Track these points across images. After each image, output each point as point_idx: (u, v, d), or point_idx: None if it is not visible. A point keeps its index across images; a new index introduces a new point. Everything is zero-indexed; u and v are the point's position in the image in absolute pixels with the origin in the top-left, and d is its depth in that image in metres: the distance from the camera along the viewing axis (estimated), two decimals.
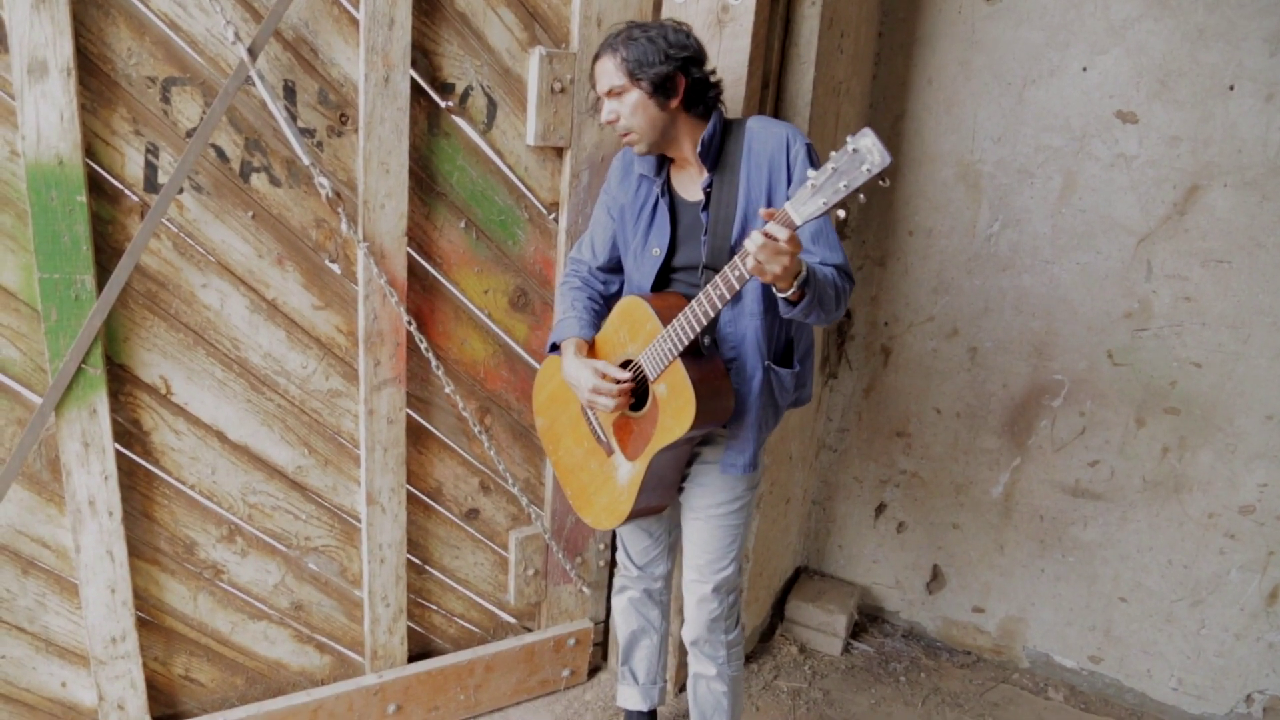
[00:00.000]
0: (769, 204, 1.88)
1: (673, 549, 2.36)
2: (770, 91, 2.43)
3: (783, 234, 1.57)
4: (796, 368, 2.04)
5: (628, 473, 2.02)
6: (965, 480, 3.03)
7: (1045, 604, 2.99)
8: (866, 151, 1.48)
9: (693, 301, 1.78)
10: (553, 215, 2.47)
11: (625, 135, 1.91)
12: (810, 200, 1.54)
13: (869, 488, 3.21)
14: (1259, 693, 2.73)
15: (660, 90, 1.85)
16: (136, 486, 2.14)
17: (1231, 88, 2.46)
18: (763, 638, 3.09)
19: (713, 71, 1.94)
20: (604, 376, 1.94)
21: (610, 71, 1.86)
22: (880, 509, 3.21)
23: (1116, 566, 2.85)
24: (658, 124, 1.88)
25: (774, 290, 1.71)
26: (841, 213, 1.56)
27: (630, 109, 1.86)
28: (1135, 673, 2.89)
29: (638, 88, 1.85)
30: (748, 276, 1.66)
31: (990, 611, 3.08)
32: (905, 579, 3.22)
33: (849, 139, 1.50)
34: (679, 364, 1.84)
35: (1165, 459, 2.73)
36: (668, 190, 2.01)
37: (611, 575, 2.66)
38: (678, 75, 1.86)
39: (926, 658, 3.10)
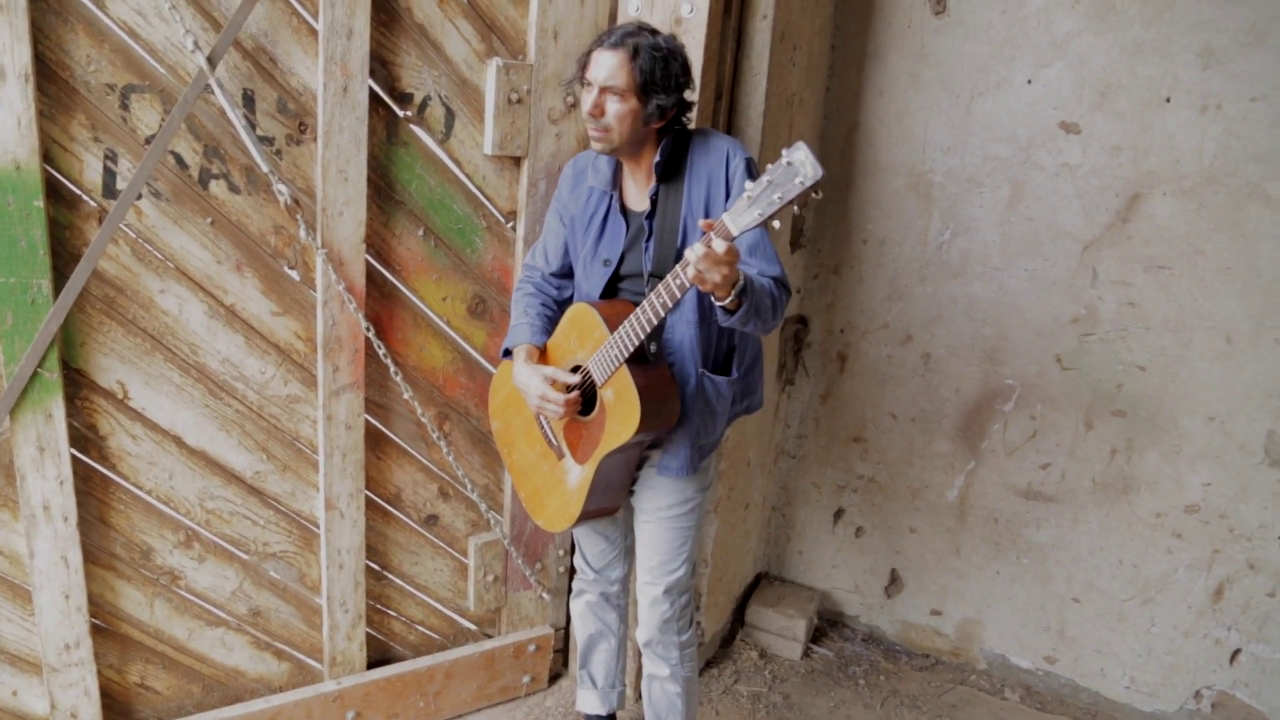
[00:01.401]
0: (707, 215, 1.92)
1: (629, 553, 2.38)
2: (724, 102, 2.49)
3: (721, 245, 1.61)
4: (734, 375, 2.06)
5: (577, 476, 2.05)
6: (921, 484, 3.08)
7: (1001, 606, 3.04)
8: (800, 165, 1.51)
9: (637, 309, 1.82)
10: (510, 223, 2.50)
11: (600, 132, 1.89)
12: (746, 212, 1.58)
13: (827, 493, 3.26)
14: (1207, 689, 2.79)
15: (656, 113, 1.88)
16: (92, 491, 2.14)
17: (1168, 100, 2.55)
18: (723, 643, 3.12)
19: (694, 103, 1.98)
20: (553, 383, 1.97)
21: (616, 70, 1.84)
22: (839, 514, 3.26)
23: (1069, 567, 2.91)
24: (636, 136, 1.91)
25: (712, 299, 1.75)
26: (777, 223, 1.60)
27: (619, 114, 1.86)
28: (1089, 672, 2.94)
29: (639, 101, 1.86)
30: (688, 285, 1.69)
31: (948, 614, 3.13)
32: (864, 583, 3.26)
33: (784, 151, 1.54)
34: (625, 370, 1.88)
35: (1114, 460, 2.79)
36: (621, 202, 2.05)
37: (571, 581, 2.67)
38: (674, 106, 1.90)
39: (886, 661, 3.13)
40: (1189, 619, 2.79)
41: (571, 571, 2.76)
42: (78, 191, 1.98)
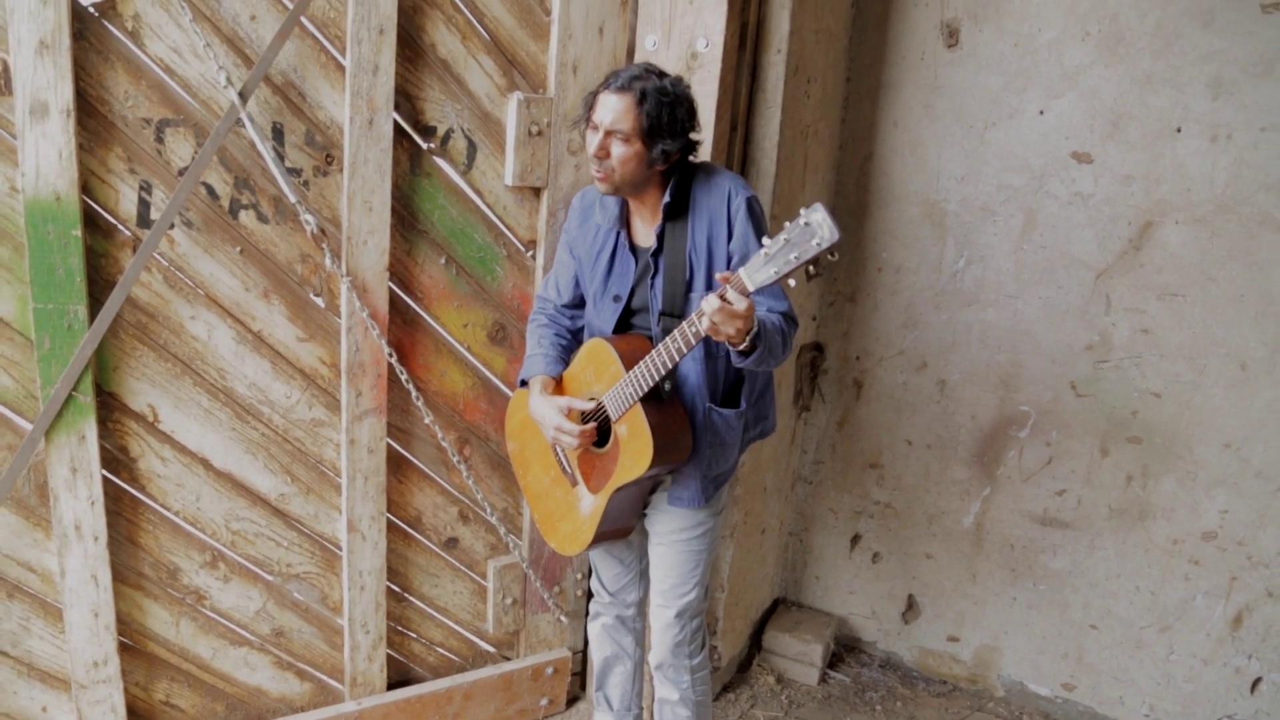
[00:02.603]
0: (709, 253, 1.95)
1: (644, 576, 2.40)
2: (739, 134, 2.54)
3: (740, 302, 1.64)
4: (743, 406, 2.08)
5: (589, 504, 2.09)
6: (937, 510, 3.09)
7: (1018, 632, 3.03)
8: (817, 226, 1.54)
9: (653, 351, 1.85)
10: (530, 252, 2.56)
11: (603, 174, 1.90)
12: (763, 268, 1.62)
13: (844, 519, 3.27)
14: (1228, 718, 2.76)
15: (661, 156, 1.89)
16: (122, 512, 2.20)
17: (1179, 130, 2.58)
18: (740, 668, 3.13)
19: (699, 142, 1.99)
20: (569, 413, 2.01)
21: (622, 115, 1.84)
22: (855, 540, 3.27)
23: (1086, 594, 2.90)
24: (639, 179, 1.92)
25: (727, 345, 1.77)
26: (793, 282, 1.63)
27: (623, 158, 1.87)
28: (1108, 700, 2.93)
29: (644, 145, 1.86)
30: (704, 334, 1.73)
31: (965, 640, 3.12)
32: (881, 609, 3.26)
33: (803, 211, 1.56)
34: (639, 408, 1.92)
35: (1130, 487, 2.80)
36: (629, 239, 2.07)
37: (589, 604, 2.71)
38: (679, 150, 1.91)
39: (903, 687, 3.13)
40: (1208, 647, 2.77)
41: (589, 595, 2.79)
42: (113, 221, 2.06)
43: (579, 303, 2.23)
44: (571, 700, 2.90)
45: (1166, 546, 2.78)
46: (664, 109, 1.85)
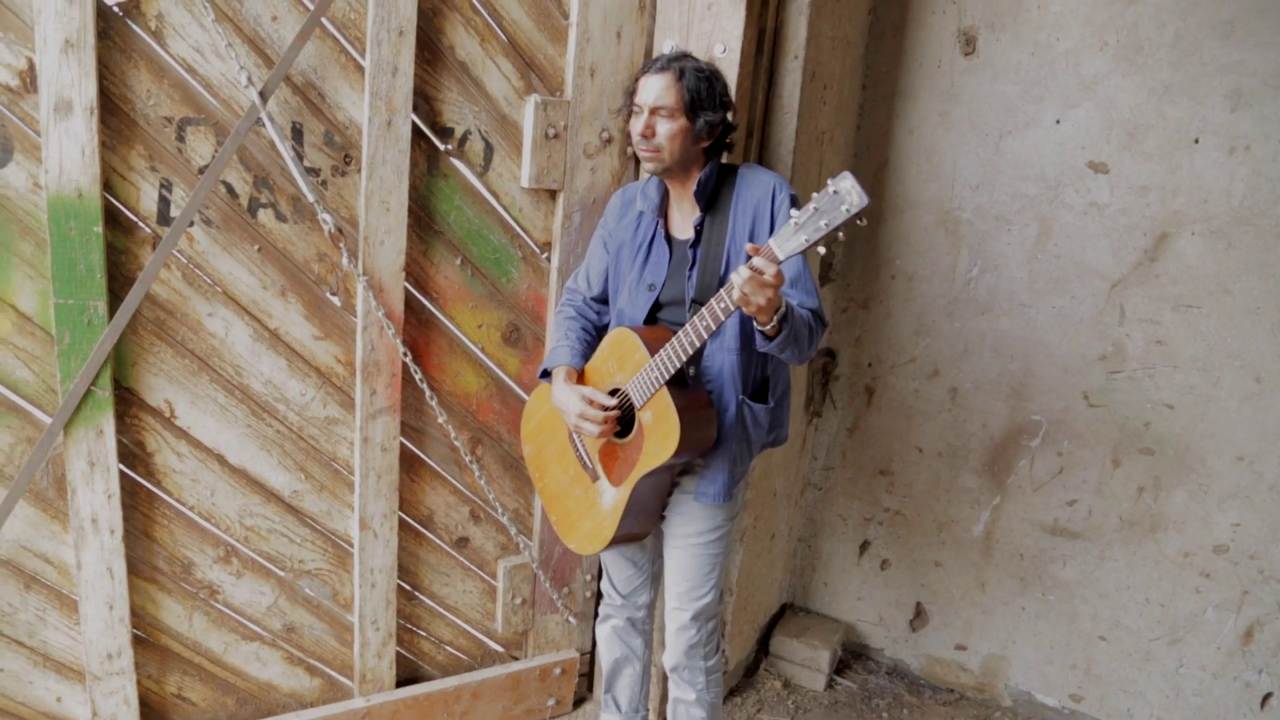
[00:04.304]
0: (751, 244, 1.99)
1: (656, 578, 2.42)
2: (755, 140, 2.55)
3: (769, 268, 1.67)
4: (771, 404, 2.12)
5: (612, 498, 2.09)
6: (947, 519, 3.09)
7: (1026, 642, 3.03)
8: (846, 193, 1.58)
9: (679, 332, 1.87)
10: (545, 254, 2.57)
11: (651, 152, 1.98)
12: (793, 237, 1.65)
13: (853, 525, 3.27)
14: None
15: (705, 130, 1.97)
16: (138, 506, 2.22)
17: (1196, 141, 2.57)
18: (747, 672, 3.13)
19: (736, 125, 2.06)
20: (591, 403, 2.02)
21: (665, 91, 1.94)
22: (864, 546, 3.27)
23: (1095, 605, 2.90)
24: (686, 155, 1.99)
25: (754, 324, 1.81)
26: (822, 249, 1.66)
27: (670, 132, 1.95)
28: (1116, 712, 2.92)
29: (688, 118, 1.95)
30: (733, 308, 1.75)
31: (973, 649, 3.12)
32: (889, 616, 3.26)
33: (830, 181, 1.61)
34: (665, 392, 1.93)
35: (1141, 499, 2.79)
36: (665, 230, 2.12)
37: (598, 606, 2.72)
38: (720, 123, 1.99)
39: (910, 695, 3.13)
40: (1218, 660, 2.76)
41: (598, 596, 2.80)
42: (134, 218, 2.08)
43: (608, 297, 2.26)
44: (578, 701, 2.91)
45: (1177, 559, 2.77)
46: (702, 83, 1.95)
